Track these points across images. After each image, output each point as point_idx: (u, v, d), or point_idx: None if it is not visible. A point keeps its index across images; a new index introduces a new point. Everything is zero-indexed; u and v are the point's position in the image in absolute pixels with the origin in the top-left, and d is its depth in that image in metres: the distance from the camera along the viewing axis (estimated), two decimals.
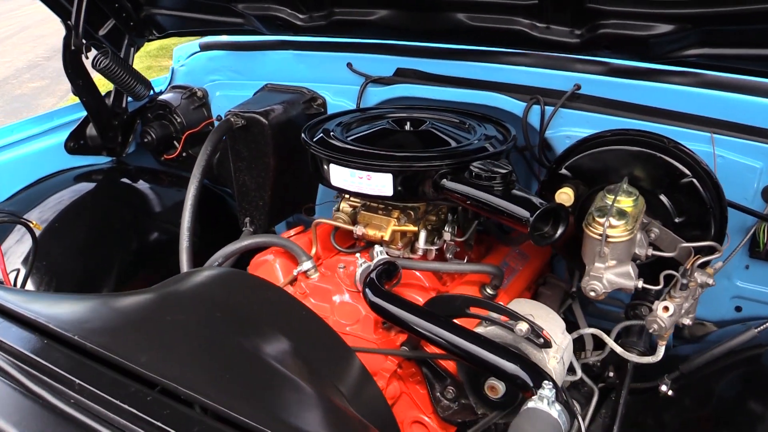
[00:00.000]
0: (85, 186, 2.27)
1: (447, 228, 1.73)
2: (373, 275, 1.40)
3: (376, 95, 2.11)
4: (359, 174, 1.57)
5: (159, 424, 0.80)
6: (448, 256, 1.77)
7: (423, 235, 1.70)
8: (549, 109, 1.81)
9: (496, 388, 1.25)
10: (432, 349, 1.45)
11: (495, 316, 1.32)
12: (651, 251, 1.31)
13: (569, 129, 1.80)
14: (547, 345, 1.23)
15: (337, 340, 1.26)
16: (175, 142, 2.49)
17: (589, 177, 1.47)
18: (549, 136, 1.82)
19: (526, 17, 1.61)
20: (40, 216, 2.09)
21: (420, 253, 1.72)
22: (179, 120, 2.45)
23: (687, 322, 1.27)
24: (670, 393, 1.50)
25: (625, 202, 1.30)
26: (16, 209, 2.07)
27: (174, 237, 2.33)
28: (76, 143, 2.31)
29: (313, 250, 1.82)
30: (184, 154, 2.49)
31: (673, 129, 1.65)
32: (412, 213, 1.72)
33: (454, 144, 1.68)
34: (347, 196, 1.86)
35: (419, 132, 1.76)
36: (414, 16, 1.78)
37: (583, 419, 1.55)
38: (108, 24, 2.25)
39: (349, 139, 1.77)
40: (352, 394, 1.13)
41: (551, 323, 1.34)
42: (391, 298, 1.31)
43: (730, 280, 1.72)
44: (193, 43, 2.57)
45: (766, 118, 1.58)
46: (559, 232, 1.34)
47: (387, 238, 1.69)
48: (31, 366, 0.93)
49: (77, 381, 0.90)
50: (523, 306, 1.38)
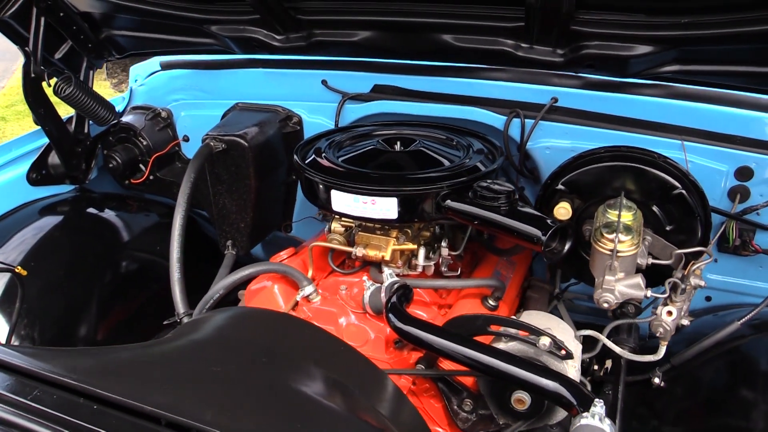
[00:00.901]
0: (52, 220, 2.16)
1: (443, 243, 1.78)
2: (393, 300, 1.43)
3: (354, 112, 2.12)
4: (363, 199, 1.59)
5: None
6: (443, 269, 1.83)
7: (422, 252, 1.74)
8: (528, 122, 1.90)
9: (523, 400, 1.32)
10: (450, 365, 1.50)
11: (513, 331, 1.39)
12: (650, 260, 1.42)
13: (548, 140, 1.90)
14: (568, 357, 1.31)
15: (370, 365, 1.28)
16: (141, 166, 2.41)
17: (585, 192, 1.56)
18: (529, 147, 1.91)
19: (511, 38, 1.67)
20: (6, 256, 1.97)
21: (419, 269, 1.77)
22: (145, 143, 2.37)
23: (686, 322, 1.39)
24: (663, 384, 1.63)
25: (626, 217, 1.39)
26: None
27: (149, 264, 2.28)
28: (39, 174, 2.20)
29: (309, 273, 1.82)
30: (152, 177, 2.41)
31: (646, 138, 1.78)
32: (409, 231, 1.76)
33: (446, 163, 1.73)
34: (337, 217, 1.88)
35: (410, 152, 1.79)
36: (398, 36, 1.80)
37: None
38: (64, 47, 2.14)
39: (340, 160, 1.79)
40: (394, 416, 1.17)
41: (564, 333, 1.42)
42: (417, 323, 1.35)
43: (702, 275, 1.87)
44: (150, 61, 2.49)
45: (731, 125, 1.73)
46: (567, 247, 1.42)
47: (388, 257, 1.72)
48: None
49: None
50: (536, 318, 1.46)
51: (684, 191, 1.46)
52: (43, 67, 2.01)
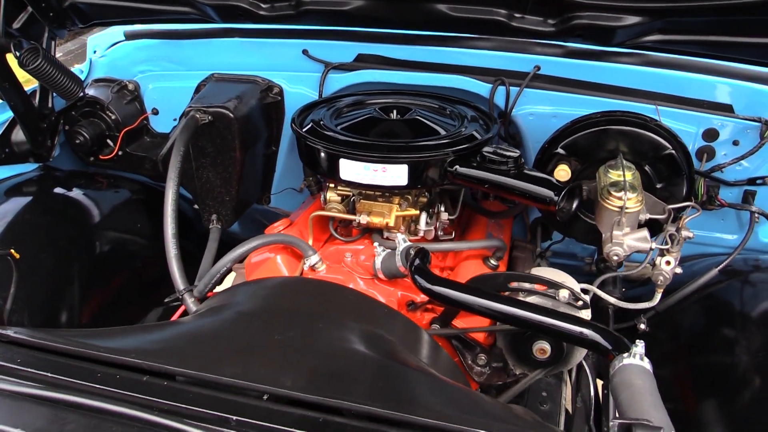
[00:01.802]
0: (20, 201, 2.03)
1: (441, 207, 1.84)
2: (417, 262, 1.48)
3: (338, 82, 2.13)
4: (374, 167, 1.62)
5: None
6: (440, 233, 1.89)
7: (424, 217, 1.80)
8: (512, 89, 1.98)
9: (545, 350, 1.42)
10: (463, 323, 1.58)
11: (529, 286, 1.48)
12: (648, 215, 1.54)
13: (532, 107, 1.99)
14: (585, 307, 1.42)
15: (409, 321, 1.33)
16: (108, 141, 2.30)
17: (583, 154, 1.67)
18: (513, 114, 1.99)
19: (505, 8, 1.73)
20: None
21: (421, 234, 1.82)
22: (113, 117, 2.26)
23: (679, 270, 1.52)
24: (647, 329, 1.78)
25: (627, 176, 1.51)
26: None
27: (126, 243, 2.21)
28: (2, 152, 2.05)
29: (309, 242, 1.84)
30: (120, 153, 2.31)
31: (623, 103, 1.90)
32: (410, 197, 1.81)
33: (442, 131, 1.78)
34: (332, 186, 1.90)
35: (407, 120, 1.83)
36: (391, 6, 1.82)
37: None
38: (23, 15, 1.99)
39: (338, 128, 1.80)
40: (440, 370, 1.23)
41: (572, 285, 1.53)
42: (446, 283, 1.40)
43: None
44: (110, 32, 2.36)
45: (699, 91, 1.88)
46: (574, 206, 1.52)
47: (392, 224, 1.77)
48: (180, 415, 0.91)
49: (233, 417, 0.90)
50: (545, 273, 1.55)
51: (674, 151, 1.59)
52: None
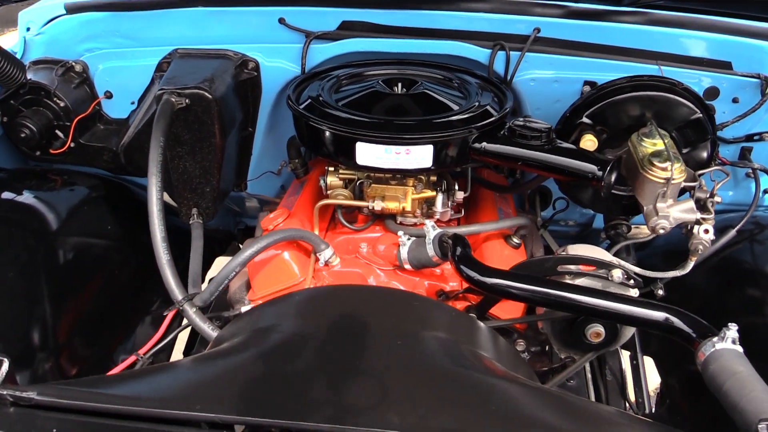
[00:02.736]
0: None
1: (456, 186, 1.73)
2: (460, 251, 1.36)
3: (321, 53, 1.94)
4: (396, 150, 1.48)
5: None
6: (451, 212, 1.79)
7: (440, 198, 1.69)
8: (513, 54, 1.87)
9: (600, 333, 1.37)
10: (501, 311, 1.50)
11: (574, 267, 1.41)
12: (683, 183, 1.50)
13: (533, 72, 1.89)
14: (638, 286, 1.37)
15: (474, 320, 1.23)
16: (58, 132, 2.01)
17: (610, 123, 1.59)
18: (514, 80, 1.89)
19: None
20: None
21: (437, 216, 1.71)
22: (62, 104, 1.96)
23: (712, 237, 1.50)
24: (662, 293, 1.77)
25: (661, 144, 1.45)
26: None
27: (93, 247, 1.96)
28: None
29: (316, 233, 1.69)
30: (73, 145, 2.03)
31: (626, 64, 1.84)
32: (423, 178, 1.69)
33: (454, 106, 1.65)
34: (332, 169, 1.75)
35: (414, 95, 1.68)
36: None
37: None
38: None
39: (340, 104, 1.64)
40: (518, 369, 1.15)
41: (610, 261, 1.47)
42: (499, 274, 1.30)
43: None
44: (45, 5, 2.03)
45: (698, 48, 1.84)
46: (613, 179, 1.45)
47: (409, 207, 1.65)
48: None
49: None
50: (584, 251, 1.49)
51: (701, 115, 1.55)
52: None
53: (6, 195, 1.87)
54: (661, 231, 1.41)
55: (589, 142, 1.57)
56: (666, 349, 1.80)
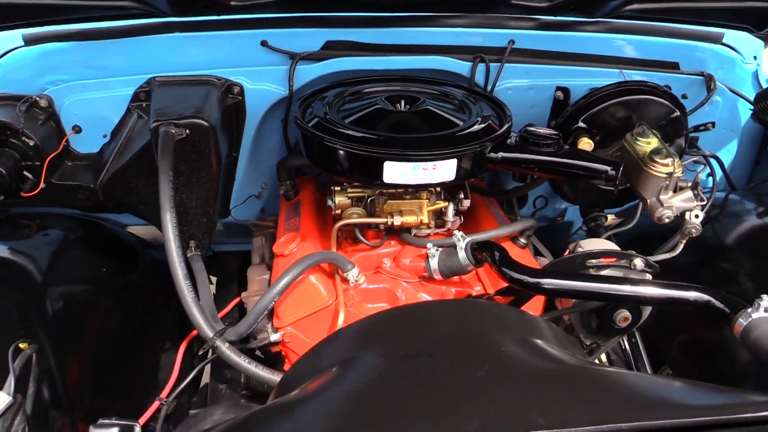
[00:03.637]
0: None
1: (461, 195, 1.80)
2: (498, 255, 1.44)
3: (308, 73, 1.94)
4: (423, 166, 1.53)
5: None
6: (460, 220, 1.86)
7: (451, 207, 1.75)
8: (492, 66, 1.98)
9: (628, 317, 1.50)
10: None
11: (595, 261, 1.53)
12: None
13: (510, 81, 2.01)
14: (657, 270, 1.52)
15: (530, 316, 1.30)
16: (26, 174, 1.85)
17: (602, 126, 1.74)
18: (495, 89, 2.01)
19: None
20: None
21: (448, 225, 1.78)
22: (32, 143, 1.82)
23: (701, 220, 1.69)
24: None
25: (654, 142, 1.62)
26: None
27: (81, 293, 1.84)
28: None
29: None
30: (44, 186, 1.88)
31: (593, 69, 2.02)
32: (434, 190, 1.75)
33: (457, 121, 1.73)
34: (339, 189, 1.77)
35: (420, 111, 1.74)
36: None
37: None
38: None
39: (346, 122, 1.66)
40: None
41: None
42: (543, 274, 1.39)
43: None
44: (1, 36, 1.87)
45: (653, 52, 2.06)
46: (619, 178, 1.60)
47: (426, 220, 1.70)
48: None
49: None
50: (597, 245, 1.62)
51: (679, 113, 1.74)
52: None
53: None
54: (666, 220, 1.57)
55: (585, 144, 1.71)
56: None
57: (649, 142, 1.62)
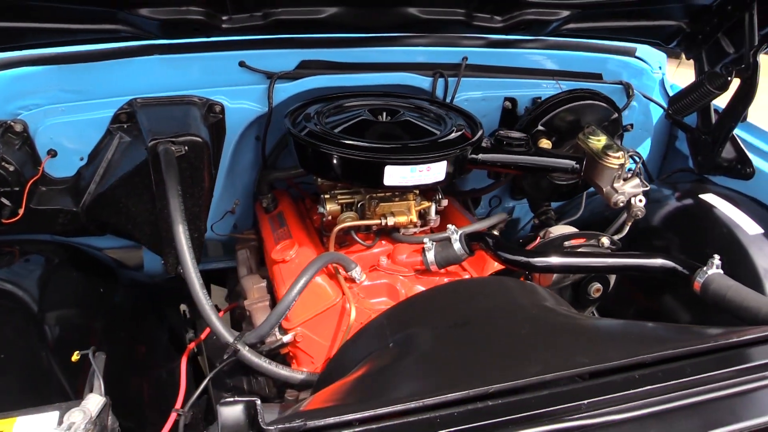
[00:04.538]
0: None
1: (440, 195, 1.98)
2: (491, 241, 1.63)
3: (285, 91, 2.05)
4: (420, 168, 1.70)
5: None
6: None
7: (434, 206, 1.93)
8: (450, 80, 2.20)
9: (600, 288, 1.75)
10: None
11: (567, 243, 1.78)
12: None
13: (466, 94, 2.24)
14: (619, 246, 1.78)
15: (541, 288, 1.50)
16: (3, 200, 1.81)
17: (557, 128, 2.00)
18: (454, 101, 2.22)
19: (466, 8, 1.93)
20: None
21: (432, 223, 1.96)
22: (11, 169, 1.78)
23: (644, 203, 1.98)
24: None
25: (604, 139, 1.90)
26: None
27: (74, 317, 1.83)
28: None
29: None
30: (22, 212, 1.84)
31: (533, 81, 2.30)
32: (417, 191, 1.92)
33: (434, 130, 1.91)
34: (328, 196, 1.89)
35: (399, 122, 1.90)
36: (367, 12, 1.85)
37: None
38: None
39: (335, 131, 1.80)
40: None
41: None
42: (534, 254, 1.60)
43: None
44: None
45: (580, 65, 2.37)
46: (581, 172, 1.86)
47: (415, 219, 1.87)
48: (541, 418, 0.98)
49: (584, 402, 1.01)
50: (564, 230, 1.86)
51: (617, 114, 2.04)
52: None
53: None
54: (621, 204, 1.85)
55: (545, 144, 1.96)
56: None
57: (599, 140, 1.90)
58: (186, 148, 1.73)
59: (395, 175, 1.69)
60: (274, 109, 2.01)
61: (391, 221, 1.82)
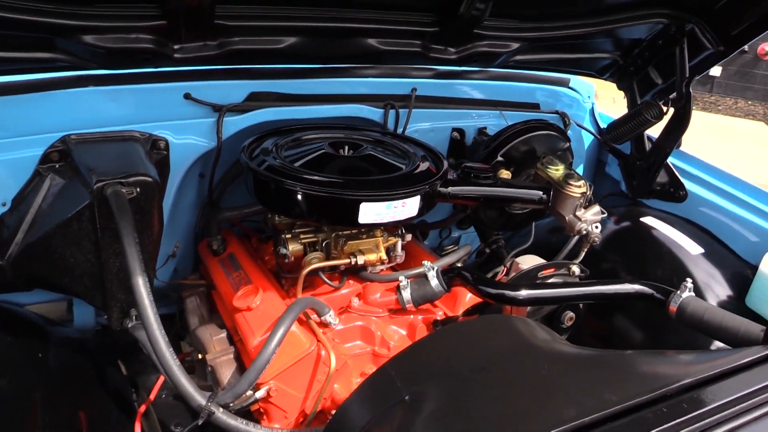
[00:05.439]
0: None
1: (403, 230, 1.93)
2: (470, 276, 1.60)
3: (234, 125, 1.92)
4: (395, 204, 1.63)
5: None
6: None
7: (399, 242, 1.87)
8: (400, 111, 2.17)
9: (573, 317, 1.76)
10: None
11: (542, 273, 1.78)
12: None
13: (415, 125, 2.22)
14: (587, 273, 1.81)
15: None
16: None
17: (515, 158, 2.01)
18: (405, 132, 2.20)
19: (422, 39, 1.92)
20: None
21: (398, 259, 1.90)
22: None
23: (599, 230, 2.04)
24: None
25: (562, 168, 1.94)
26: None
27: (5, 395, 1.57)
28: None
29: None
30: None
31: (479, 111, 2.33)
32: (383, 228, 1.85)
33: (399, 164, 1.86)
34: (290, 236, 1.79)
35: (362, 156, 1.84)
36: (326, 42, 1.78)
37: None
38: None
39: (296, 166, 1.71)
40: None
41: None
42: (517, 287, 1.58)
43: None
44: None
45: (526, 96, 2.43)
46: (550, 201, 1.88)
47: (384, 256, 1.80)
48: None
49: None
50: (532, 260, 1.87)
51: (569, 144, 2.10)
52: None
53: None
54: (583, 232, 1.88)
55: (505, 175, 1.97)
56: None
57: (557, 169, 1.94)
58: (138, 190, 1.55)
59: (370, 212, 1.62)
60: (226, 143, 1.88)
61: (361, 260, 1.74)
